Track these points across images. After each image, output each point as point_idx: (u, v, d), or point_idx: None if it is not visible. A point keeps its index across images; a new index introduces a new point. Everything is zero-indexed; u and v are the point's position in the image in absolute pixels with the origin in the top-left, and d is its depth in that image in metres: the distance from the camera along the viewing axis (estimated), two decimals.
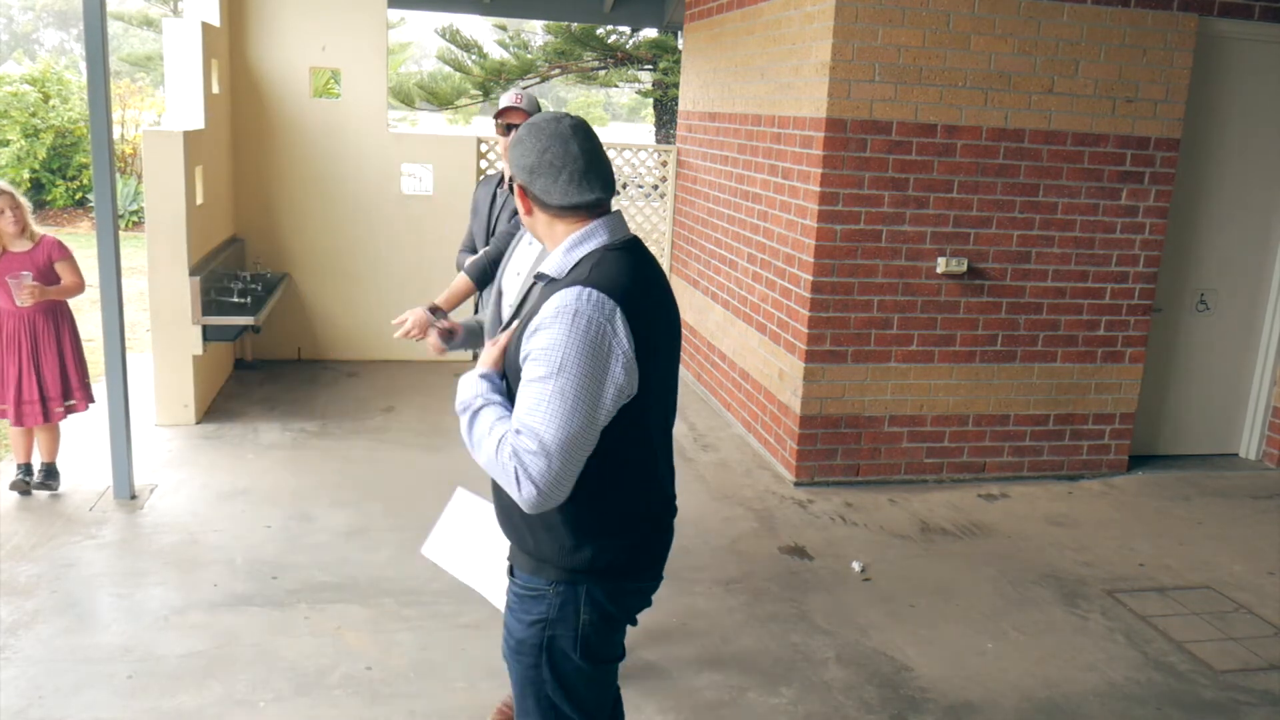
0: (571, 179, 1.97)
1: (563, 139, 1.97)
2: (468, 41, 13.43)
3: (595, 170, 2.00)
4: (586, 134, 2.03)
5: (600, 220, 2.02)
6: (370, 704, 3.26)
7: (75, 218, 15.07)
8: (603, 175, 2.01)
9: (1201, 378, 5.97)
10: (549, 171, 1.97)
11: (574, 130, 2.00)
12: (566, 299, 1.88)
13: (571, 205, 1.98)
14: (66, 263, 4.68)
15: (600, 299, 1.88)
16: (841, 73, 4.87)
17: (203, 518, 4.60)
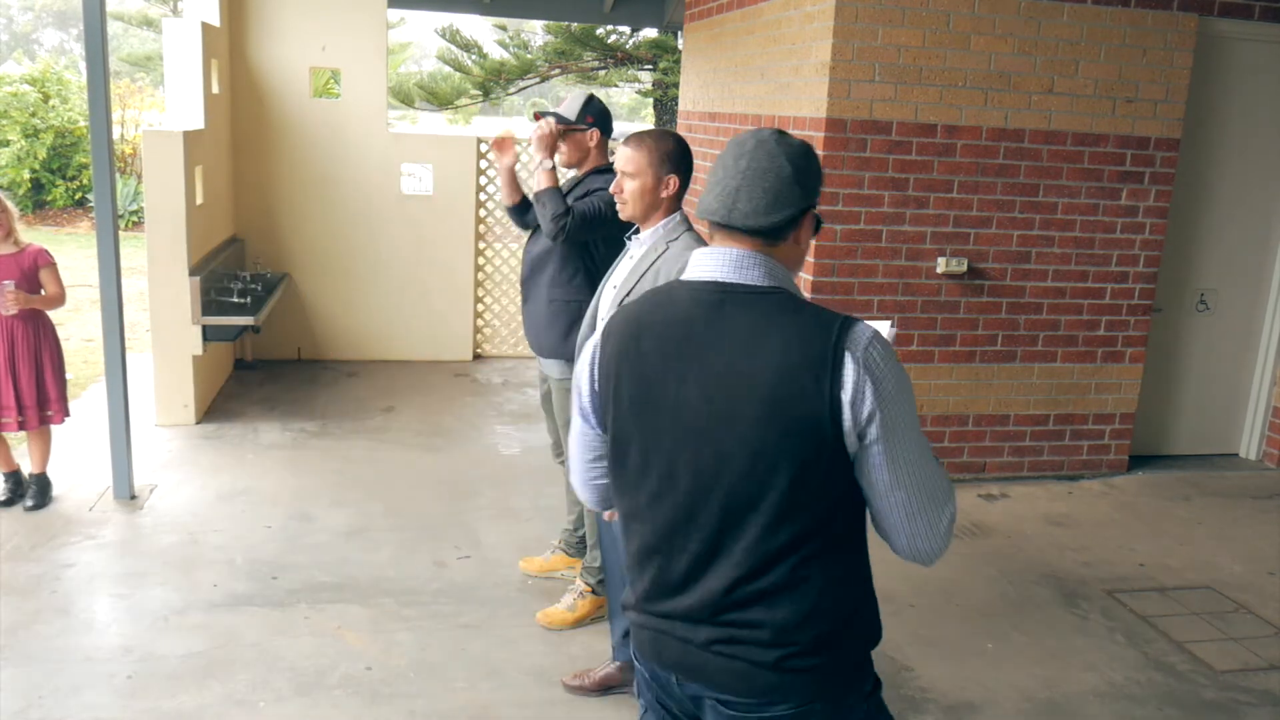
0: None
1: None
2: (468, 41, 13.43)
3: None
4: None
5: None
6: (370, 704, 3.26)
7: (75, 218, 15.06)
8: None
9: (1201, 378, 5.97)
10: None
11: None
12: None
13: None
14: (50, 271, 4.57)
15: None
16: (841, 73, 4.87)
17: (203, 518, 4.60)
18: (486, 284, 7.73)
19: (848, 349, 1.60)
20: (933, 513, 1.67)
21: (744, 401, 1.62)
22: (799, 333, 1.62)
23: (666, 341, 1.71)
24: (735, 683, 1.70)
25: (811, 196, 1.76)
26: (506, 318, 7.86)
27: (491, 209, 7.61)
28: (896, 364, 1.64)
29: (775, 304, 1.68)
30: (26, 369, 4.49)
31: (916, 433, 1.66)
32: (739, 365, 1.63)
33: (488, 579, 4.16)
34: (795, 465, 1.61)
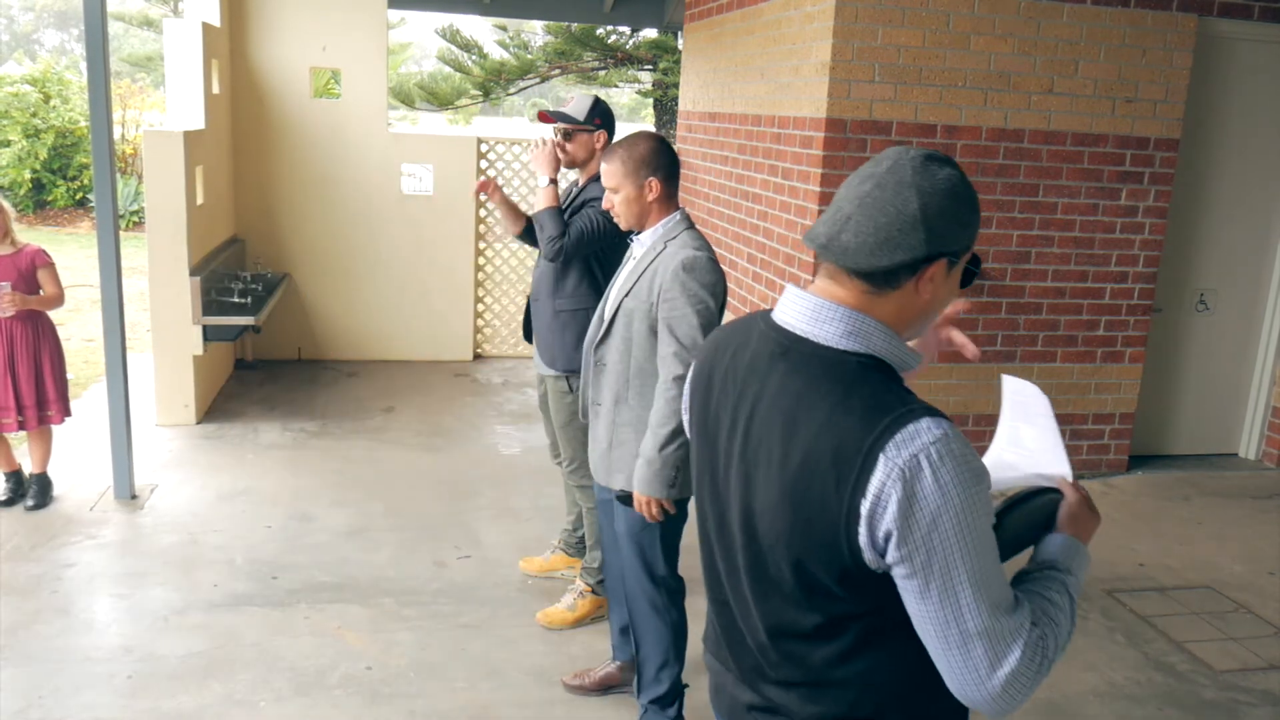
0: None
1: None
2: (468, 41, 13.42)
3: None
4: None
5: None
6: (370, 704, 3.26)
7: (76, 218, 15.07)
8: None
9: (1201, 378, 5.97)
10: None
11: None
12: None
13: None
14: (48, 271, 4.56)
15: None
16: (841, 73, 4.87)
17: (203, 518, 4.60)
18: (486, 284, 7.73)
19: (884, 452, 1.31)
20: (969, 662, 1.36)
21: (767, 479, 1.43)
22: (840, 417, 1.36)
23: (729, 383, 1.53)
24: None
25: (941, 243, 1.41)
26: (506, 318, 7.86)
27: (491, 209, 7.60)
28: (952, 485, 1.32)
29: (835, 373, 1.40)
30: (26, 370, 4.48)
31: (960, 565, 1.34)
32: (774, 437, 1.43)
33: (488, 579, 4.16)
34: (808, 565, 1.41)
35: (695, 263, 2.76)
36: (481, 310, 7.73)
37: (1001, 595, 1.39)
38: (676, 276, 2.75)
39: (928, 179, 1.41)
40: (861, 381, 1.39)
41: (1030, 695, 1.40)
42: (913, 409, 1.35)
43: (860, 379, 1.40)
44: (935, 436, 1.32)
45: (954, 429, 1.36)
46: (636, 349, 2.87)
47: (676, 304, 2.75)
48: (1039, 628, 1.40)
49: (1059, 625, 1.43)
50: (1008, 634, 1.37)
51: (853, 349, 1.42)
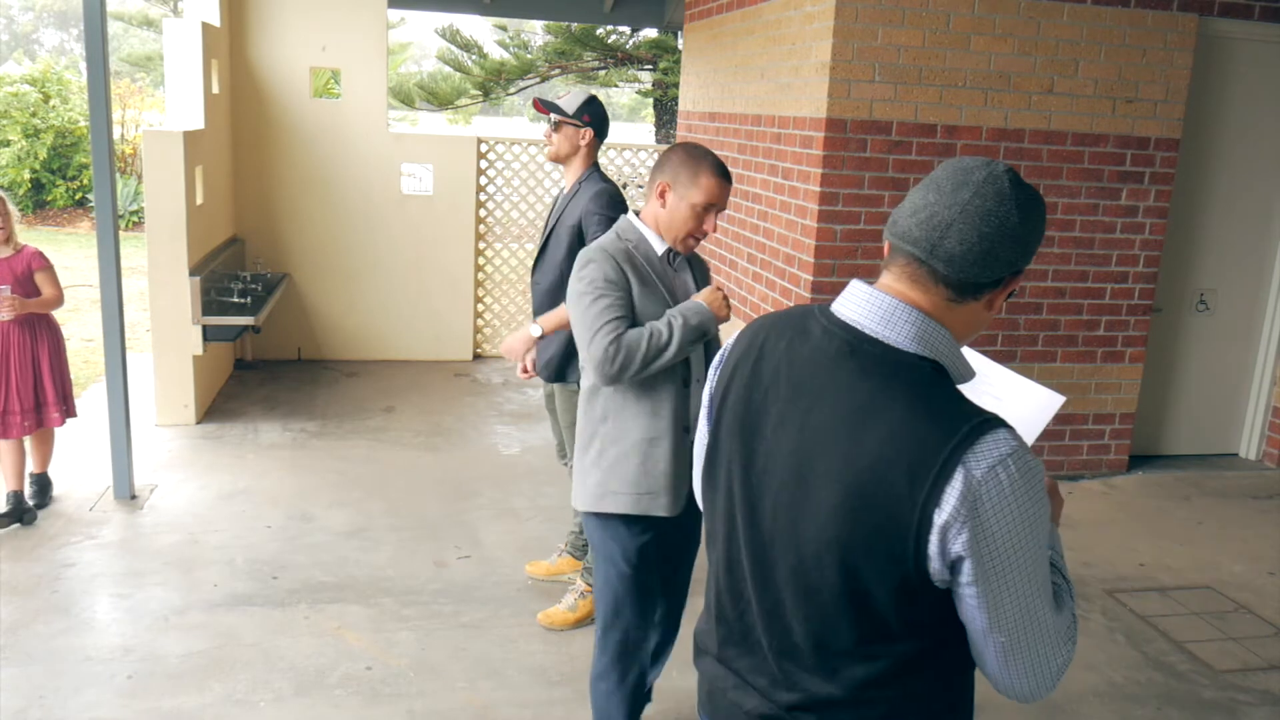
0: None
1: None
2: (468, 41, 13.43)
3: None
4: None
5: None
6: (370, 704, 3.26)
7: (75, 218, 15.07)
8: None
9: (1201, 378, 5.97)
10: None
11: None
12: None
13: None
14: (46, 274, 4.53)
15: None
16: (841, 73, 4.87)
17: (203, 518, 4.60)
18: (486, 284, 7.73)
19: (963, 463, 1.29)
20: (1038, 658, 1.38)
21: (827, 479, 1.38)
22: (915, 423, 1.34)
23: (781, 376, 1.48)
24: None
25: (1026, 261, 1.43)
26: (506, 318, 7.86)
27: (491, 209, 7.61)
28: (1026, 497, 1.31)
29: (908, 377, 1.38)
30: (21, 373, 4.44)
31: (1031, 575, 1.34)
32: (837, 436, 1.38)
33: (488, 579, 4.16)
34: (862, 574, 1.37)
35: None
36: (481, 310, 7.73)
37: (1051, 593, 1.40)
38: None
39: (1024, 195, 1.41)
40: (937, 387, 1.38)
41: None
42: (988, 419, 1.34)
43: (935, 385, 1.38)
44: (1012, 448, 1.31)
45: (1019, 438, 1.35)
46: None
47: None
48: (1073, 614, 1.45)
49: (1072, 605, 1.48)
50: (1065, 631, 1.40)
51: (921, 354, 1.40)
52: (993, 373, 1.76)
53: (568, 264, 3.72)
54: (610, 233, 2.76)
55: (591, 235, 3.66)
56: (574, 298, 2.63)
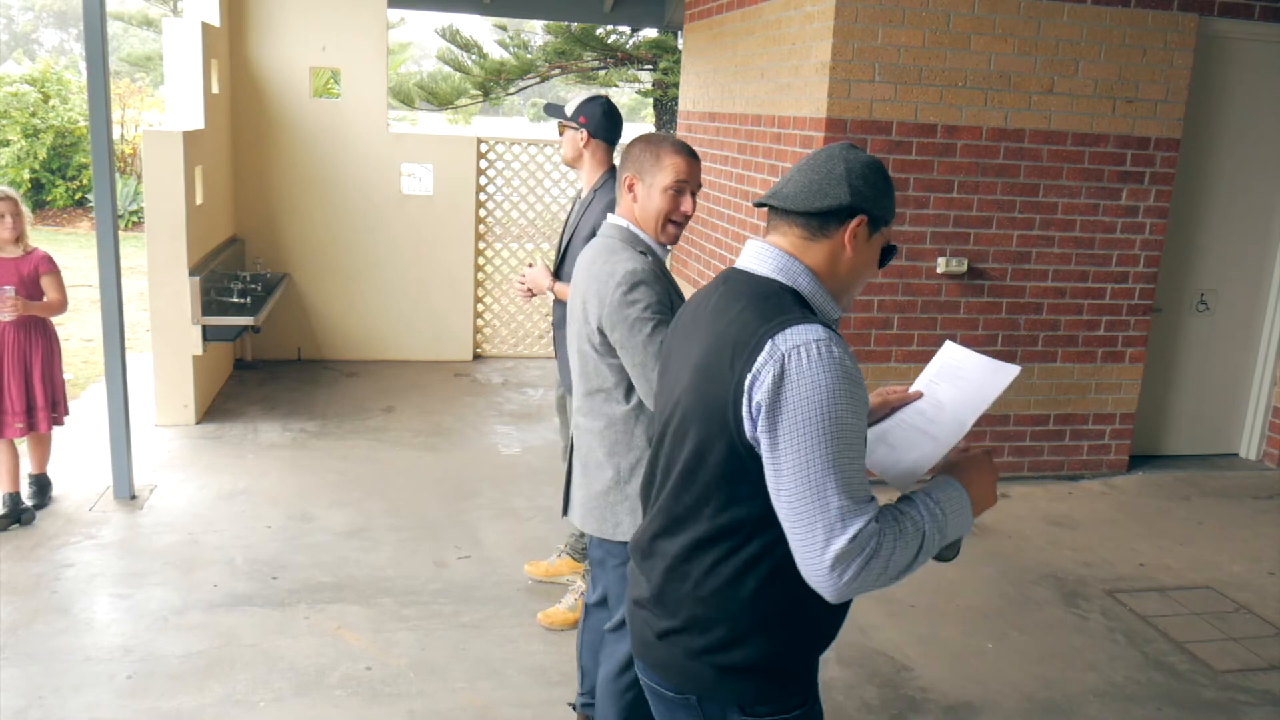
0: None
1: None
2: (468, 41, 13.41)
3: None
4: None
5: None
6: (370, 704, 3.26)
7: (75, 218, 15.07)
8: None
9: (1201, 378, 5.97)
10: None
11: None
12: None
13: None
14: (53, 278, 4.52)
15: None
16: (841, 73, 4.87)
17: (203, 518, 4.60)
18: (486, 284, 7.73)
19: (772, 338, 1.59)
20: (811, 534, 1.55)
21: (686, 363, 1.76)
22: (747, 315, 1.65)
23: (687, 318, 1.85)
24: (640, 649, 1.85)
25: (860, 199, 1.71)
26: (506, 318, 7.86)
27: (491, 209, 7.61)
28: (822, 373, 1.55)
29: (756, 289, 1.71)
30: (16, 375, 4.43)
31: (816, 445, 1.54)
32: (700, 334, 1.75)
33: (488, 579, 4.16)
34: (701, 441, 1.68)
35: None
36: (481, 310, 7.73)
37: (854, 486, 1.56)
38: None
39: (852, 154, 1.75)
40: (775, 296, 1.69)
41: (865, 588, 1.56)
42: (809, 318, 1.63)
43: (774, 295, 1.69)
44: (819, 336, 1.59)
45: (840, 340, 1.61)
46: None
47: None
48: (880, 524, 1.56)
49: (904, 534, 1.58)
50: (847, 514, 1.54)
51: (779, 279, 1.73)
52: (955, 354, 2.00)
53: None
54: (621, 245, 2.61)
55: None
56: (628, 323, 2.49)
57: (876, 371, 5.24)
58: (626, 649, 2.72)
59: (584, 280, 2.63)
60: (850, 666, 3.60)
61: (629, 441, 2.63)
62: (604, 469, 2.66)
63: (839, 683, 3.50)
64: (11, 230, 4.40)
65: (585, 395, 2.67)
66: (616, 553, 2.69)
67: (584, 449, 2.72)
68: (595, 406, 2.65)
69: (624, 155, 2.66)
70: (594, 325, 2.57)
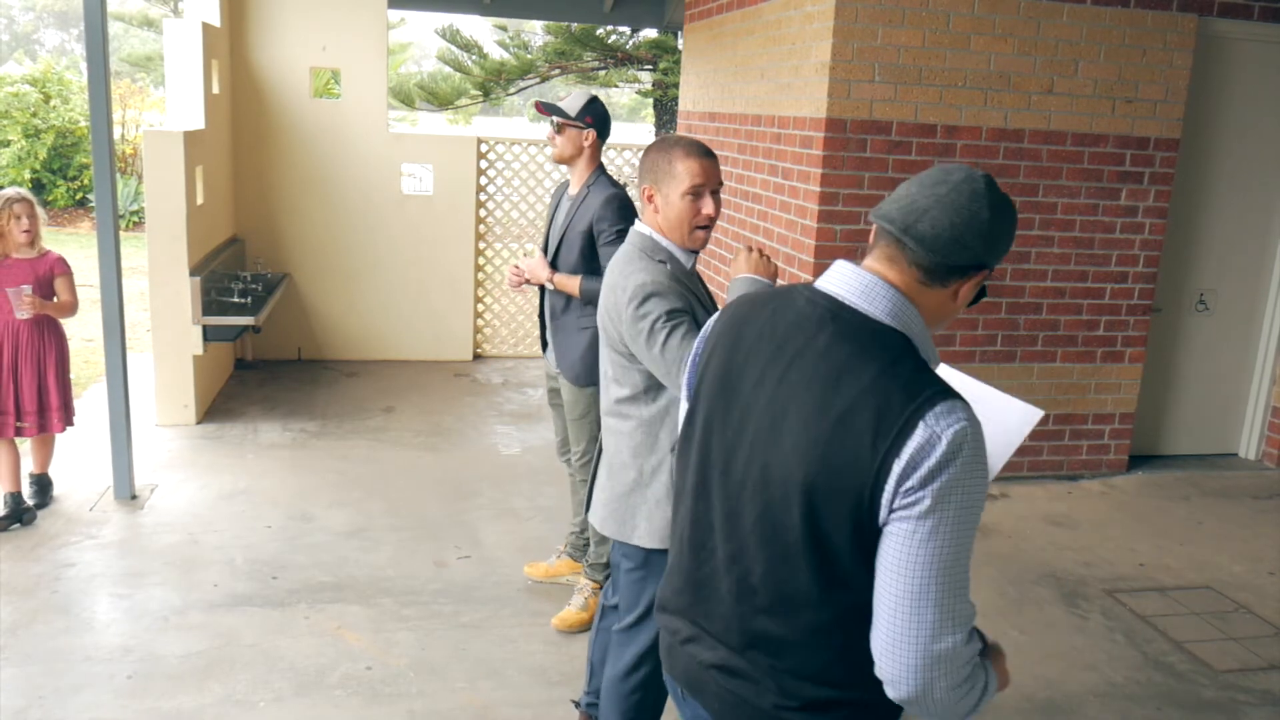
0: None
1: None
2: (468, 41, 13.41)
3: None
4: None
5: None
6: (370, 704, 3.26)
7: (75, 218, 15.07)
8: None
9: (1201, 378, 5.97)
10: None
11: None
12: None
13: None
14: (66, 280, 4.57)
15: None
16: (841, 73, 4.87)
17: (203, 518, 4.60)
18: (486, 284, 7.73)
19: (924, 420, 1.43)
20: (924, 622, 1.43)
21: (800, 425, 1.51)
22: (885, 382, 1.47)
23: (764, 339, 1.63)
24: (728, 712, 1.64)
25: (994, 256, 1.56)
26: (506, 318, 7.86)
27: (491, 209, 7.61)
28: (972, 463, 1.44)
29: (882, 343, 1.52)
30: (29, 375, 4.47)
31: (952, 537, 1.43)
32: (813, 389, 1.52)
33: (488, 579, 4.16)
34: (823, 516, 1.49)
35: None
36: (481, 310, 7.73)
37: (967, 590, 1.47)
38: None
39: (996, 197, 1.55)
40: (908, 355, 1.52)
41: (945, 703, 1.47)
42: (948, 390, 1.48)
43: (906, 353, 1.52)
44: (968, 419, 1.45)
45: (975, 417, 1.48)
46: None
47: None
48: (979, 655, 1.51)
49: (987, 672, 1.54)
50: (961, 618, 1.45)
51: (894, 326, 1.55)
52: (974, 389, 1.84)
53: (582, 267, 3.72)
54: (638, 254, 2.60)
55: (605, 242, 3.63)
56: (643, 337, 2.48)
57: None
58: (635, 651, 2.72)
59: (607, 289, 2.64)
60: None
61: (653, 444, 2.63)
62: (628, 470, 2.66)
63: None
64: (27, 232, 4.43)
65: (615, 399, 2.69)
66: (632, 556, 2.69)
67: (611, 450, 2.73)
68: (625, 409, 2.66)
69: (640, 165, 2.64)
70: (615, 335, 2.59)
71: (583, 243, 3.70)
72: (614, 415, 2.69)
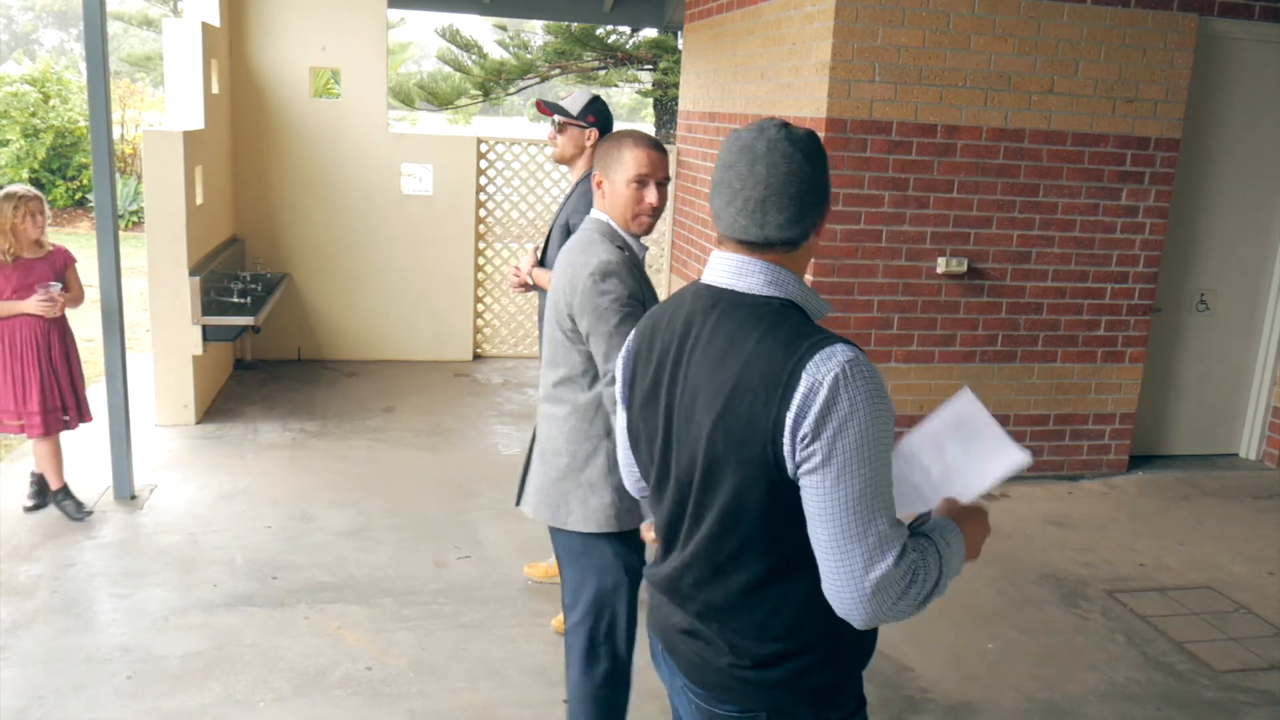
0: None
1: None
2: (468, 41, 13.42)
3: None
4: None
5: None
6: (370, 704, 3.26)
7: (75, 218, 15.07)
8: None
9: (1202, 378, 5.97)
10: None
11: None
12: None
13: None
14: (74, 270, 4.63)
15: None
16: (841, 73, 4.87)
17: (203, 518, 4.60)
18: (486, 284, 7.73)
19: (803, 368, 1.51)
20: (851, 561, 1.50)
21: (705, 409, 1.62)
22: (766, 346, 1.56)
23: (670, 342, 1.72)
24: (693, 672, 1.76)
25: (828, 192, 1.66)
26: (506, 318, 7.86)
27: (491, 209, 7.61)
28: (861, 396, 1.49)
29: (761, 313, 1.61)
30: (63, 372, 4.53)
31: (860, 470, 1.50)
32: (710, 373, 1.62)
33: (488, 579, 4.16)
34: (738, 486, 1.59)
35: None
36: (481, 310, 7.73)
37: (888, 509, 1.53)
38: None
39: (801, 143, 1.61)
40: (784, 318, 1.60)
41: (898, 615, 1.54)
42: (829, 336, 1.55)
43: (783, 316, 1.60)
44: (849, 357, 1.52)
45: (864, 356, 1.54)
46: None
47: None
48: (915, 553, 1.54)
49: (929, 565, 1.56)
50: (887, 540, 1.51)
51: (774, 295, 1.63)
52: (977, 418, 1.83)
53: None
54: (600, 238, 2.63)
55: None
56: (597, 311, 2.51)
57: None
58: (585, 648, 2.73)
59: (562, 269, 2.65)
60: None
61: (587, 430, 2.66)
62: (560, 455, 2.70)
63: None
64: (38, 228, 4.44)
65: (553, 383, 2.72)
66: (570, 543, 2.73)
67: (544, 437, 2.76)
68: (561, 393, 2.69)
69: (595, 155, 2.70)
70: (565, 311, 2.60)
71: (562, 236, 3.72)
72: (550, 400, 2.72)
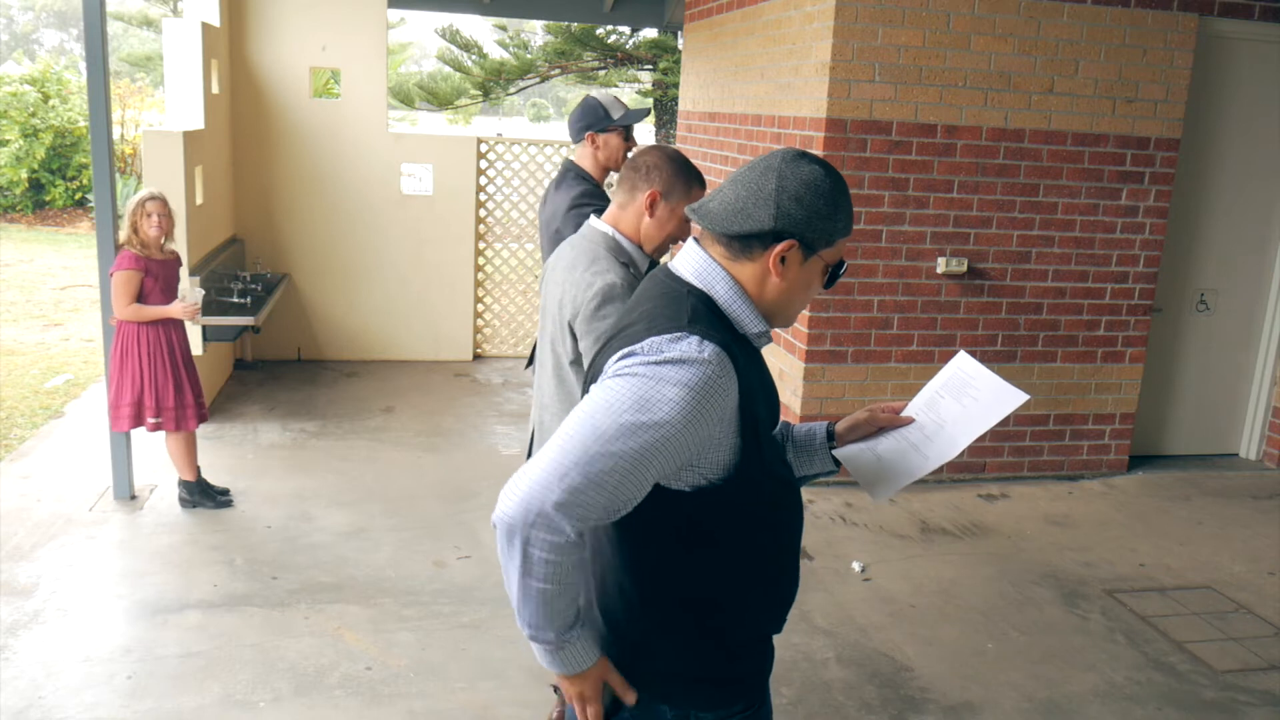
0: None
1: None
2: (468, 41, 13.42)
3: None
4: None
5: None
6: (370, 704, 3.26)
7: (75, 218, 15.06)
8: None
9: (1201, 378, 5.97)
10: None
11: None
12: None
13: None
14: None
15: None
16: (841, 73, 4.87)
17: (202, 518, 4.60)
18: (486, 284, 7.73)
19: (647, 338, 1.55)
20: (549, 470, 1.45)
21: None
22: (643, 320, 1.60)
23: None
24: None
25: (789, 223, 1.57)
26: (506, 318, 7.86)
27: (491, 209, 7.61)
28: (657, 381, 1.47)
29: (668, 295, 1.62)
30: (186, 370, 4.60)
31: (593, 422, 1.46)
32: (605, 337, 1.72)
33: (488, 579, 4.16)
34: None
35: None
36: (481, 310, 7.73)
37: (590, 493, 1.45)
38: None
39: (791, 168, 1.60)
40: (679, 300, 1.59)
41: (504, 557, 1.48)
42: (705, 333, 1.52)
43: (679, 298, 1.60)
44: (687, 345, 1.50)
45: (713, 370, 1.49)
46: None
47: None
48: (569, 556, 1.49)
49: (561, 582, 1.50)
50: (572, 492, 1.44)
51: (694, 284, 1.63)
52: (975, 374, 1.86)
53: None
54: (605, 253, 2.55)
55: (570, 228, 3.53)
56: (593, 336, 2.47)
57: (876, 371, 5.24)
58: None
59: (564, 279, 2.59)
60: (850, 666, 3.60)
61: None
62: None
63: (839, 682, 3.50)
64: (159, 229, 4.43)
65: (556, 383, 2.71)
66: None
67: (547, 433, 2.75)
68: (561, 394, 2.69)
69: (646, 167, 2.57)
70: (566, 323, 2.58)
71: (554, 245, 3.65)
72: (552, 397, 2.71)
